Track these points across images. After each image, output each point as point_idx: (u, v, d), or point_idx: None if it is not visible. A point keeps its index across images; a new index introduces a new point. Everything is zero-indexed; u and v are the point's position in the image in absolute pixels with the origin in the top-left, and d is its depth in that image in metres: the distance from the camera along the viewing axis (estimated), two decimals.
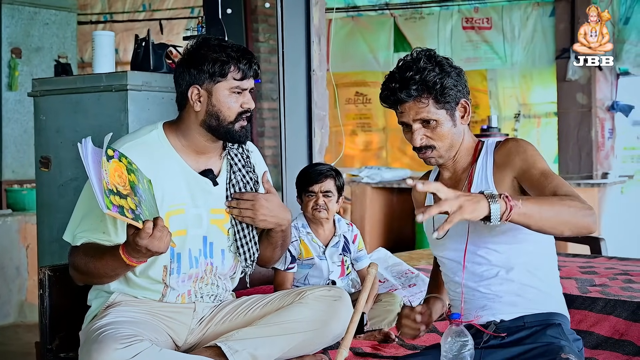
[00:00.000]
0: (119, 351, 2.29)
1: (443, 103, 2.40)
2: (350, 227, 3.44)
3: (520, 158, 2.37)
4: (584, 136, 8.15)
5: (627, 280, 3.75)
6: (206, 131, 2.69)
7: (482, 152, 2.48)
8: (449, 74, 2.40)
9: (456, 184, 2.49)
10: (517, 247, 2.38)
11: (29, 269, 5.88)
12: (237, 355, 2.50)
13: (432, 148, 2.44)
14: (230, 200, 2.76)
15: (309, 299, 2.70)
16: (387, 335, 3.07)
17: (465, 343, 2.21)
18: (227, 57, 2.64)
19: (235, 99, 2.67)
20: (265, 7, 5.63)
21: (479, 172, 2.44)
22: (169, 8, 9.11)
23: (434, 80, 2.37)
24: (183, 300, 2.71)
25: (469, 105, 2.46)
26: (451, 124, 2.43)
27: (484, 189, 2.26)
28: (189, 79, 2.68)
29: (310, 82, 4.58)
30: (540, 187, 2.32)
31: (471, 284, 2.44)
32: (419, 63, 2.40)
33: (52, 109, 3.72)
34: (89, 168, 2.26)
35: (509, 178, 2.38)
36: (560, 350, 2.19)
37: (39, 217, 3.84)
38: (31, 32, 7.10)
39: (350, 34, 9.48)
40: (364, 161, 9.56)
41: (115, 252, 2.44)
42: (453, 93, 2.40)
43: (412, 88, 2.38)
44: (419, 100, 2.39)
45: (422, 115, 2.40)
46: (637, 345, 2.86)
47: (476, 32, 8.91)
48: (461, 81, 2.44)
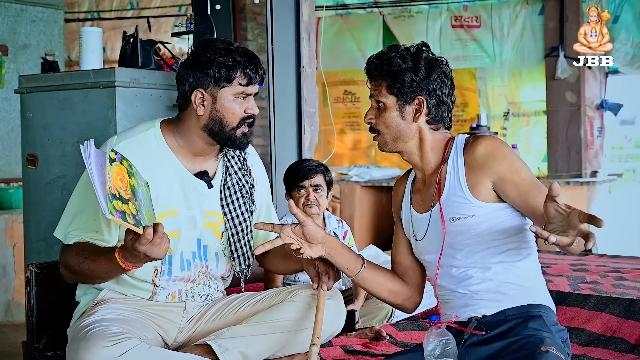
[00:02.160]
0: (107, 349, 2.27)
1: (394, 91, 2.44)
2: (341, 224, 3.43)
3: (502, 164, 2.35)
4: (573, 135, 8.16)
5: (619, 278, 3.75)
6: (207, 135, 2.66)
7: (451, 152, 2.46)
8: (415, 69, 2.42)
9: (428, 187, 2.50)
10: (493, 247, 2.38)
11: (16, 268, 5.83)
12: (227, 354, 2.48)
13: (377, 132, 2.51)
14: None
15: (300, 297, 2.68)
16: (378, 332, 3.05)
17: (447, 342, 2.22)
18: (233, 61, 2.59)
19: (240, 105, 2.63)
20: (255, 2, 5.59)
21: (450, 174, 2.42)
22: (157, 6, 9.08)
23: (393, 66, 2.43)
24: (173, 300, 2.69)
25: (424, 105, 2.44)
26: (398, 114, 2.46)
27: (456, 194, 2.34)
28: (192, 82, 2.63)
29: (300, 79, 4.57)
30: (527, 199, 2.31)
31: (451, 286, 2.44)
32: (399, 49, 2.47)
33: (39, 106, 3.68)
34: (92, 172, 2.22)
35: (486, 182, 2.36)
36: (540, 343, 2.18)
37: (26, 216, 3.80)
38: (18, 29, 7.04)
39: (339, 32, 9.47)
40: (353, 160, 9.55)
41: (110, 255, 2.41)
42: (407, 86, 2.42)
43: (375, 64, 2.47)
44: (377, 80, 2.48)
45: (374, 93, 2.49)
46: (629, 342, 2.85)
47: (465, 30, 8.91)
48: (427, 80, 2.43)
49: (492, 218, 2.37)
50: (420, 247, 2.53)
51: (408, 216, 2.58)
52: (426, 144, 2.48)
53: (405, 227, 2.60)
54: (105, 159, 2.30)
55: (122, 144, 2.60)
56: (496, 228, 2.37)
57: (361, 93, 9.41)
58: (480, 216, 2.36)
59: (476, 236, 2.37)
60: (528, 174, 2.35)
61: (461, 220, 2.37)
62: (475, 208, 2.36)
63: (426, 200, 2.50)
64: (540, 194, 2.28)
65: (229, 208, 2.76)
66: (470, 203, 2.36)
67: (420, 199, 2.53)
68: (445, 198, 2.41)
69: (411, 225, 2.55)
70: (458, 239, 2.39)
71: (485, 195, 2.36)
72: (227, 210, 2.75)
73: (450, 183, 2.41)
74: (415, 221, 2.53)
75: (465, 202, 2.37)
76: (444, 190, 2.42)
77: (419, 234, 2.51)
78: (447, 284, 2.45)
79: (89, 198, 2.56)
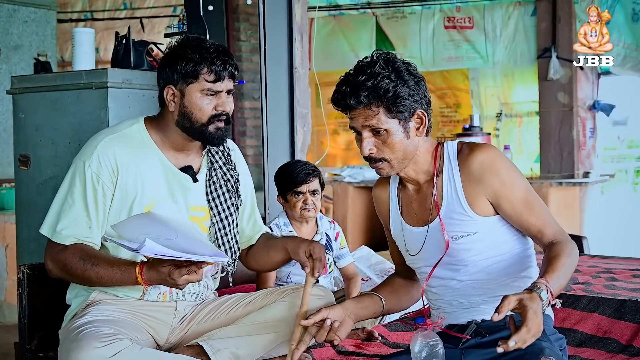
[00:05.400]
0: (99, 350, 2.26)
1: (395, 113, 2.27)
2: (333, 225, 3.43)
3: (496, 180, 2.29)
4: (566, 135, 8.17)
5: (610, 278, 3.76)
6: (181, 131, 2.67)
7: (445, 161, 2.37)
8: (405, 82, 2.27)
9: (423, 200, 2.42)
10: (498, 261, 2.35)
11: (8, 269, 5.81)
12: (219, 354, 2.48)
13: (383, 160, 2.34)
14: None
15: (292, 298, 2.68)
16: (371, 333, 3.05)
17: (434, 344, 2.20)
18: (200, 57, 2.59)
19: (209, 101, 2.62)
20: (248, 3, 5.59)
21: (447, 187, 2.35)
22: (150, 7, 9.06)
23: (386, 87, 2.24)
24: (164, 299, 2.69)
25: (425, 117, 2.32)
26: (403, 135, 2.31)
27: (456, 210, 2.29)
28: (165, 79, 2.65)
29: (293, 79, 4.56)
30: (521, 218, 2.29)
31: (448, 297, 2.42)
32: (374, 67, 2.27)
33: (31, 106, 3.67)
34: (170, 254, 2.24)
35: (482, 197, 2.32)
36: (540, 353, 2.16)
37: (18, 216, 3.79)
38: (10, 29, 7.02)
39: (332, 33, 9.47)
40: (345, 160, 9.55)
41: (127, 268, 2.45)
42: (407, 103, 2.27)
43: (363, 95, 2.26)
44: (369, 108, 2.27)
45: (371, 123, 2.28)
46: (620, 342, 2.86)
47: (458, 31, 8.92)
48: (419, 91, 2.30)
49: (494, 231, 2.33)
50: (413, 260, 2.48)
51: (399, 229, 2.50)
52: (420, 155, 2.38)
53: (396, 238, 2.55)
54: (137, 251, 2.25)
55: (107, 139, 2.63)
56: (500, 240, 2.34)
57: None
58: (482, 232, 2.32)
59: (481, 252, 2.33)
60: (522, 189, 2.30)
61: (464, 238, 2.32)
62: (477, 224, 2.31)
63: (421, 214, 2.43)
64: (533, 213, 2.28)
65: (215, 202, 2.76)
66: (472, 220, 2.31)
67: (413, 212, 2.46)
68: (445, 214, 2.34)
69: (403, 239, 2.49)
70: (463, 257, 2.34)
71: (485, 209, 2.31)
72: (213, 205, 2.76)
73: (448, 197, 2.34)
74: (408, 234, 2.46)
75: (467, 219, 2.32)
76: (442, 205, 2.35)
77: (412, 249, 2.45)
78: (445, 294, 2.42)
79: (75, 196, 2.58)
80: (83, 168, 2.59)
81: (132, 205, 2.60)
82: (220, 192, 2.78)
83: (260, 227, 2.98)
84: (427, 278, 2.42)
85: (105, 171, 2.59)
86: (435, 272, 2.40)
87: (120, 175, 2.60)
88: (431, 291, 2.47)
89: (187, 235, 2.37)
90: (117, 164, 2.60)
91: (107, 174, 2.59)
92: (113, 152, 2.60)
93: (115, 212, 2.60)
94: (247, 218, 2.94)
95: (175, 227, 2.39)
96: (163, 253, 2.22)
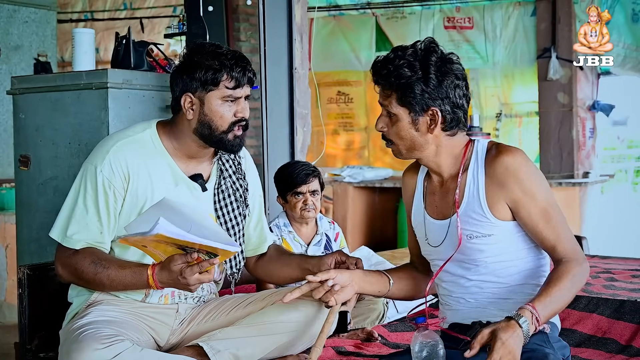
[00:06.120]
0: (99, 351, 2.27)
1: (405, 103, 2.30)
2: (332, 225, 3.43)
3: (518, 187, 2.27)
4: (565, 136, 8.18)
5: (610, 279, 3.76)
6: (199, 138, 2.65)
7: (472, 159, 2.37)
8: (426, 79, 2.27)
9: (445, 194, 2.41)
10: (511, 266, 2.34)
11: (8, 269, 5.81)
12: (219, 355, 2.48)
13: (391, 142, 2.38)
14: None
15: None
16: (370, 334, 3.06)
17: (435, 343, 2.20)
18: (219, 64, 2.58)
19: (229, 108, 2.62)
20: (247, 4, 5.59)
21: (470, 186, 2.33)
22: (150, 7, 9.06)
23: (402, 75, 2.27)
24: (166, 301, 2.69)
25: (438, 116, 2.30)
26: (411, 127, 2.32)
27: (475, 210, 2.27)
28: (182, 86, 2.63)
29: (292, 80, 4.57)
30: (536, 230, 2.28)
31: (457, 294, 2.41)
32: (406, 52, 2.30)
33: (32, 107, 3.68)
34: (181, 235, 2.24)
35: (502, 201, 2.30)
36: (544, 359, 2.15)
37: (18, 217, 3.79)
38: (10, 30, 7.02)
39: (332, 33, 9.47)
40: (345, 161, 9.55)
41: (139, 270, 2.45)
42: (419, 98, 2.27)
43: (382, 73, 2.32)
44: (385, 89, 2.34)
45: (384, 103, 2.35)
46: (620, 343, 2.86)
47: (458, 31, 8.92)
48: (440, 90, 2.28)
49: (510, 237, 2.32)
50: (430, 251, 2.47)
51: (420, 218, 2.49)
52: (443, 151, 2.37)
53: (416, 227, 2.53)
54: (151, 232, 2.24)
55: (120, 144, 2.62)
56: (515, 247, 2.33)
57: (354, 94, 9.41)
58: (498, 235, 2.30)
59: (494, 255, 2.32)
60: (542, 200, 2.28)
61: (479, 239, 2.31)
62: (494, 227, 2.30)
63: (442, 208, 2.42)
64: (549, 226, 2.26)
65: (223, 211, 2.76)
66: (489, 222, 2.30)
67: (435, 204, 2.45)
68: (463, 212, 2.33)
69: (424, 229, 2.47)
70: (475, 256, 2.33)
71: (504, 213, 2.30)
72: (220, 214, 2.76)
73: (469, 196, 2.33)
74: (429, 225, 2.45)
75: (484, 220, 2.30)
76: (462, 203, 2.34)
77: (433, 240, 2.43)
78: (454, 291, 2.42)
79: (86, 200, 2.57)
80: (95, 173, 2.58)
81: (142, 210, 2.59)
82: (229, 201, 2.78)
83: (267, 236, 2.98)
84: (437, 271, 2.43)
85: (117, 177, 2.58)
86: (447, 267, 2.40)
87: (132, 181, 2.59)
88: (441, 286, 2.47)
89: (201, 224, 2.37)
90: (128, 169, 2.59)
91: (119, 180, 2.58)
92: (125, 158, 2.59)
93: (126, 216, 2.60)
94: (254, 226, 2.93)
95: (189, 215, 2.39)
96: (177, 233, 2.22)
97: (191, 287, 2.37)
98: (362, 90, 9.34)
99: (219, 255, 2.33)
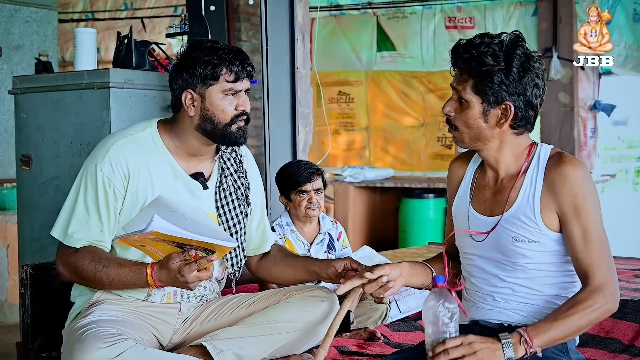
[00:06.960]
0: (102, 350, 2.27)
1: (481, 91, 2.25)
2: (335, 225, 3.43)
3: (570, 200, 2.23)
4: (566, 135, 8.18)
5: None
6: (202, 135, 2.66)
7: (532, 162, 2.33)
8: (507, 70, 2.23)
9: (498, 191, 2.36)
10: (548, 276, 2.31)
11: (9, 269, 5.81)
12: (222, 355, 2.48)
13: (455, 128, 2.33)
14: None
15: (295, 299, 2.68)
16: (373, 333, 3.06)
17: (452, 310, 2.12)
18: (218, 59, 2.59)
19: (230, 102, 2.62)
20: (249, 3, 5.59)
21: (526, 189, 2.29)
22: (151, 7, 9.06)
23: (484, 63, 2.23)
24: (169, 300, 2.69)
25: (510, 111, 2.25)
26: (481, 117, 2.28)
27: (526, 214, 2.24)
28: (182, 84, 2.64)
29: (294, 79, 4.57)
30: (574, 249, 2.23)
31: (486, 290, 2.37)
32: (493, 41, 2.25)
33: (33, 106, 3.68)
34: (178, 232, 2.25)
35: (554, 210, 2.26)
36: None
37: (20, 216, 3.80)
38: (11, 29, 7.02)
39: (333, 33, 9.46)
40: (346, 160, 9.55)
41: (138, 268, 2.46)
42: (496, 89, 2.23)
43: (464, 57, 2.26)
44: (462, 73, 2.29)
45: (458, 88, 2.30)
46: (622, 342, 2.87)
47: (459, 31, 8.90)
48: (518, 85, 2.24)
49: (554, 247, 2.28)
50: (467, 243, 2.42)
51: (464, 209, 2.44)
52: (506, 147, 2.33)
53: (455, 216, 2.48)
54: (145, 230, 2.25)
55: (120, 143, 2.62)
56: (557, 259, 2.29)
57: (355, 94, 9.40)
58: (544, 244, 2.27)
59: (536, 262, 2.28)
60: (589, 221, 2.22)
61: (524, 243, 2.27)
62: (541, 235, 2.26)
63: (492, 205, 2.37)
64: (586, 251, 2.20)
65: (224, 210, 2.76)
66: (538, 229, 2.26)
67: (483, 199, 2.40)
68: (513, 214, 2.29)
69: (467, 221, 2.42)
70: (517, 260, 2.29)
71: (553, 223, 2.26)
72: (222, 212, 2.75)
73: (522, 199, 2.29)
74: (473, 220, 2.40)
75: (534, 226, 2.26)
76: (514, 204, 2.30)
77: (476, 235, 2.38)
78: (483, 288, 2.38)
79: (87, 199, 2.57)
80: (95, 171, 2.59)
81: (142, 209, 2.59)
82: (230, 199, 2.78)
83: (269, 236, 2.98)
84: (468, 264, 2.41)
85: (117, 175, 2.58)
86: (481, 263, 2.37)
87: (132, 180, 2.59)
88: (470, 280, 2.43)
89: (196, 221, 2.37)
90: (128, 168, 2.59)
91: (119, 179, 2.58)
92: (125, 157, 2.60)
93: (126, 215, 2.60)
94: (256, 225, 2.93)
95: (184, 212, 2.40)
96: (172, 230, 2.22)
97: (190, 285, 2.37)
98: (363, 90, 9.33)
99: (217, 252, 2.33)
